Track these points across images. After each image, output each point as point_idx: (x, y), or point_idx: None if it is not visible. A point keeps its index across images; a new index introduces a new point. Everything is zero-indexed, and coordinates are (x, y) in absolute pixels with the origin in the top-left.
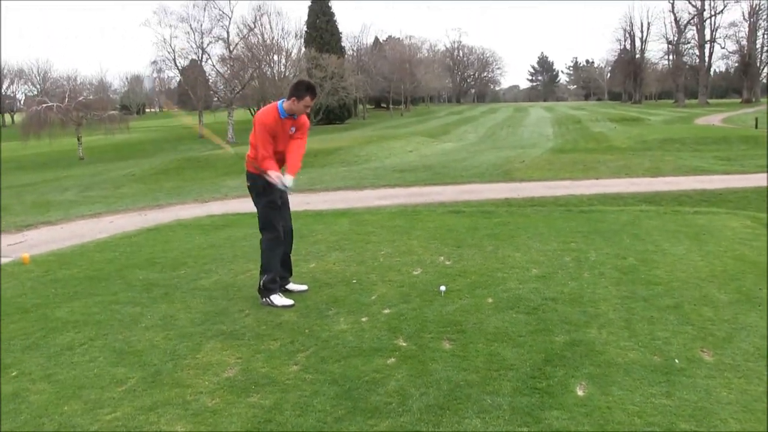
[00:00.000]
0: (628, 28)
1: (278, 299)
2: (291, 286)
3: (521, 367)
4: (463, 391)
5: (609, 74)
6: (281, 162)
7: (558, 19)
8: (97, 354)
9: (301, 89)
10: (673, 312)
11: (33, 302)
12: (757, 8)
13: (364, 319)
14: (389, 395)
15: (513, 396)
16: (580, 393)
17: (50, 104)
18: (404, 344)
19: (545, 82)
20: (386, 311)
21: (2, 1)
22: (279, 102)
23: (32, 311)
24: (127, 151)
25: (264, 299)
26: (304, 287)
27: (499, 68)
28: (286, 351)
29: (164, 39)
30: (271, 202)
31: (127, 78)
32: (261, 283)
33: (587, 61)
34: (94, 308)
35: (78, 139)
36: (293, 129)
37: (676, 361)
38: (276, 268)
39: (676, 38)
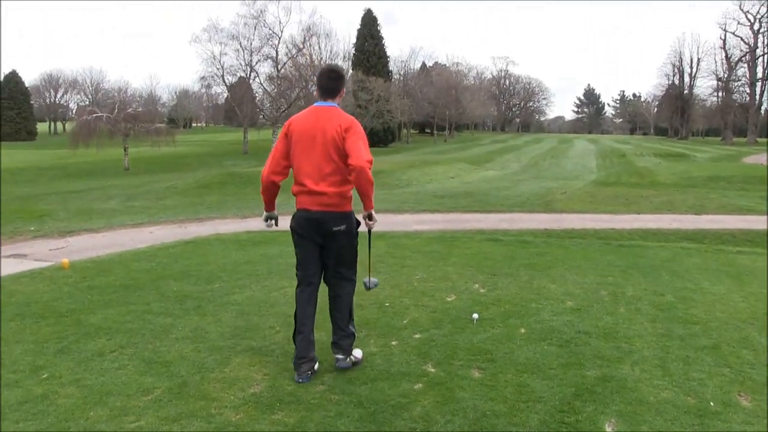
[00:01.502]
0: (677, 63)
1: (358, 351)
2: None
3: (550, 400)
4: (489, 420)
5: (656, 109)
6: None
7: (606, 51)
8: (126, 362)
9: (344, 74)
10: (710, 353)
11: (68, 307)
12: None
13: (394, 343)
14: (414, 420)
15: (540, 429)
16: (608, 430)
17: (100, 114)
18: (433, 370)
19: (591, 115)
20: (417, 336)
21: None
22: (329, 104)
23: (67, 316)
24: (172, 163)
25: (350, 358)
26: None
27: (545, 98)
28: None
29: (213, 55)
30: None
31: (175, 92)
32: (354, 335)
33: (634, 95)
34: (127, 316)
35: (125, 150)
36: None
37: (711, 404)
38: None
39: (726, 75)
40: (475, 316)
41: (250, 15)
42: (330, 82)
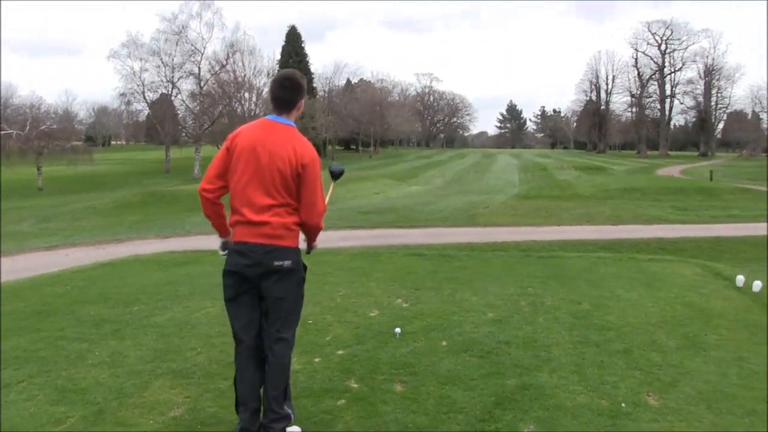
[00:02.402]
0: (593, 80)
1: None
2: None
3: (471, 410)
4: None
5: (575, 124)
6: None
7: (528, 68)
8: (36, 392)
9: (305, 85)
10: (623, 357)
11: None
12: (711, 68)
13: (317, 360)
14: None
15: None
16: None
17: (9, 132)
18: (356, 386)
19: (513, 130)
20: (340, 352)
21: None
22: (285, 120)
23: None
24: (90, 183)
25: None
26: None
27: (468, 114)
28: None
29: (134, 71)
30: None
31: (93, 109)
32: (292, 413)
33: (554, 111)
34: (38, 344)
35: (38, 169)
36: None
37: (623, 405)
38: None
39: (639, 91)
40: (398, 330)
41: (172, 31)
42: (283, 91)
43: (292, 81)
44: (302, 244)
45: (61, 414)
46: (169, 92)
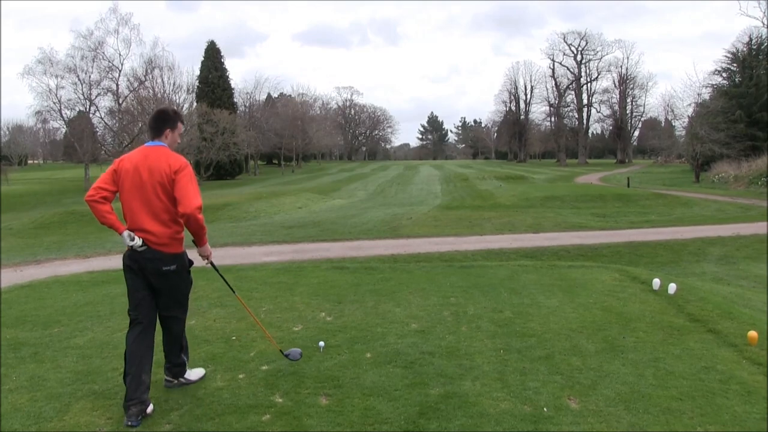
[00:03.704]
0: (512, 90)
1: (195, 373)
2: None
3: (396, 420)
4: None
5: (495, 134)
6: None
7: (448, 80)
8: None
9: (173, 116)
10: (545, 362)
11: None
12: (625, 77)
13: (241, 376)
14: None
15: None
16: None
17: None
18: (280, 400)
19: (435, 141)
20: (264, 368)
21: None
22: (157, 143)
23: None
24: (6, 203)
25: (180, 380)
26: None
27: (389, 126)
28: (159, 410)
29: (49, 89)
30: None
31: (8, 127)
32: (186, 361)
33: (475, 121)
34: None
35: None
36: None
37: (545, 409)
38: None
39: (557, 101)
40: (321, 344)
41: (88, 47)
42: (154, 122)
43: (160, 113)
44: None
45: None
46: (87, 109)
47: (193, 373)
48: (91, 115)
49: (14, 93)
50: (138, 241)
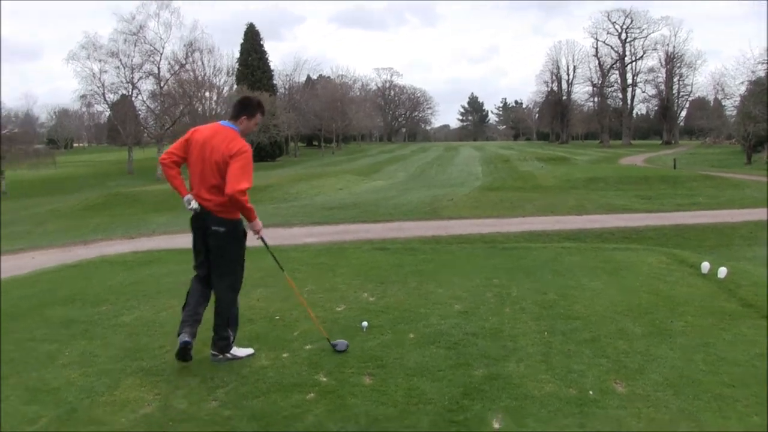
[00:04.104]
0: (554, 70)
1: (242, 350)
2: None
3: (440, 400)
4: (381, 425)
5: (537, 115)
6: None
7: (489, 60)
8: (9, 392)
9: (254, 105)
10: (590, 345)
11: None
12: (672, 56)
13: (285, 355)
14: (307, 429)
15: (430, 429)
16: (496, 425)
17: None
18: (324, 379)
19: (475, 122)
20: (308, 347)
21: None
22: (230, 125)
23: None
24: (54, 186)
25: (225, 355)
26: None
27: (429, 108)
28: (205, 387)
29: (93, 73)
30: (244, 251)
31: (54, 112)
32: (233, 338)
33: (516, 102)
34: (8, 346)
35: (1, 173)
36: None
37: (591, 392)
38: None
39: (600, 81)
40: (365, 324)
41: (129, 31)
42: (236, 105)
43: (242, 99)
44: None
45: (33, 414)
46: (130, 93)
47: (241, 351)
48: (133, 99)
49: (59, 79)
50: (195, 205)
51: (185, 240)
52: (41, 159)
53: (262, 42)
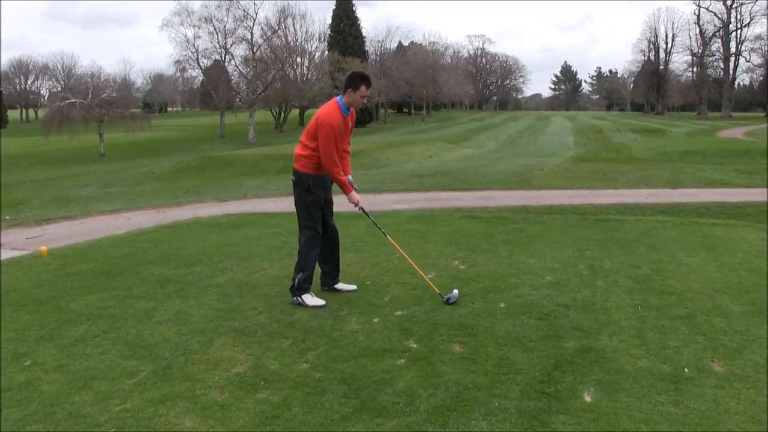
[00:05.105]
0: (652, 38)
1: (310, 299)
2: (340, 285)
3: (530, 371)
4: (471, 393)
5: (632, 85)
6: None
7: (583, 28)
8: (110, 346)
9: (357, 79)
10: (685, 322)
11: (48, 294)
12: None
13: (375, 320)
14: (397, 395)
15: (521, 400)
16: (587, 399)
17: (73, 100)
18: (414, 346)
19: (568, 92)
20: (398, 313)
21: None
22: (338, 98)
23: (47, 303)
24: (148, 149)
25: (295, 298)
26: (353, 287)
27: (521, 76)
28: (297, 349)
29: (187, 39)
30: (316, 200)
31: (150, 76)
32: (296, 282)
33: (610, 71)
34: (108, 302)
35: (100, 136)
36: (350, 124)
37: (686, 370)
38: (312, 268)
39: (700, 50)
40: (456, 292)
41: None
42: (345, 79)
43: (349, 74)
44: None
45: (132, 368)
46: (223, 58)
47: (310, 300)
48: (226, 64)
49: (153, 45)
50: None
51: (275, 204)
52: (137, 122)
53: (354, 8)
